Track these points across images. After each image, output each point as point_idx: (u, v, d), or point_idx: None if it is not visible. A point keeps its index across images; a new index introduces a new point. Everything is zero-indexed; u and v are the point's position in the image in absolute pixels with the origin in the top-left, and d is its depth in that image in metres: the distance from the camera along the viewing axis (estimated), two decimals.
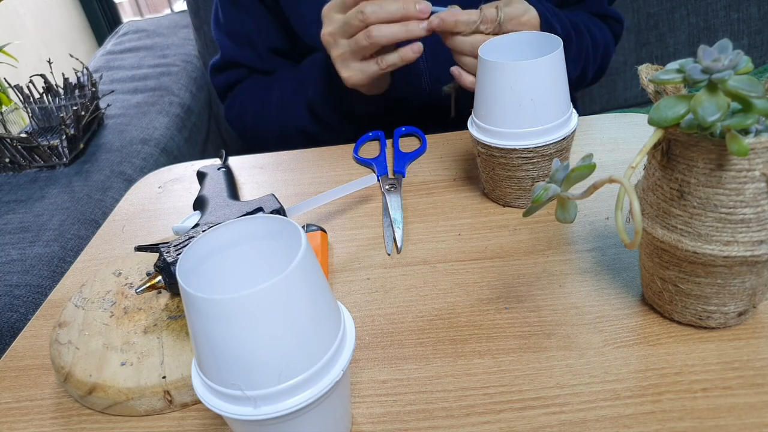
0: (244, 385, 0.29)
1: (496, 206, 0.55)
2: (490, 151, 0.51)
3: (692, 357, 0.38)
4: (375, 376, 0.40)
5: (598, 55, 0.80)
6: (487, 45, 0.52)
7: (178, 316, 0.44)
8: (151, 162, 1.02)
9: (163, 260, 0.44)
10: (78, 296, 0.48)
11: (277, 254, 0.32)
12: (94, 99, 1.07)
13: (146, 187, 0.69)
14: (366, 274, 0.49)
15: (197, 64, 1.32)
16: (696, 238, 0.35)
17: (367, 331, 0.44)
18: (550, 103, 0.48)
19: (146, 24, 1.52)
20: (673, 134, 0.34)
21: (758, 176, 0.32)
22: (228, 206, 0.53)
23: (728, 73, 0.30)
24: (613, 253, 0.47)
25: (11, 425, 0.41)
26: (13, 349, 0.48)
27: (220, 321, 0.27)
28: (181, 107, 1.19)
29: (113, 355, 0.42)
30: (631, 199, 0.31)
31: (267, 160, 0.70)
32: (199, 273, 0.31)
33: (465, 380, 0.39)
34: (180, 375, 0.40)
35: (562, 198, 0.37)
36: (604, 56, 0.82)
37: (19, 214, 0.87)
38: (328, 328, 0.31)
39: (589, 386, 0.37)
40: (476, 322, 0.43)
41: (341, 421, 0.34)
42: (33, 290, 0.74)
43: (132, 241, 0.59)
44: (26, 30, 2.03)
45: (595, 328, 0.41)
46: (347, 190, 0.55)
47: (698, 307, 0.38)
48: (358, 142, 0.69)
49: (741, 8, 1.16)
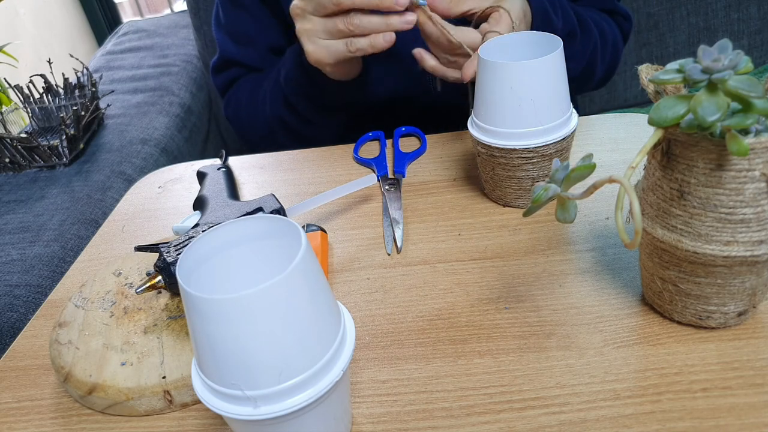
0: (244, 385, 0.29)
1: (496, 206, 0.55)
2: (490, 151, 0.51)
3: (692, 357, 0.38)
4: (375, 376, 0.40)
5: (607, 52, 0.78)
6: (487, 45, 0.52)
7: (178, 316, 0.44)
8: (151, 162, 1.02)
9: (163, 260, 0.44)
10: (78, 296, 0.48)
11: (277, 254, 0.32)
12: (94, 99, 1.07)
13: (146, 187, 0.69)
14: (366, 274, 0.49)
15: (197, 64, 1.32)
16: (696, 238, 0.35)
17: (367, 331, 0.44)
18: (550, 103, 0.48)
19: (146, 24, 1.52)
20: (673, 134, 0.34)
21: (758, 176, 0.32)
22: (228, 206, 0.53)
23: (728, 73, 0.30)
24: (613, 253, 0.47)
25: (11, 425, 0.41)
26: (13, 349, 0.48)
27: (220, 321, 0.27)
28: (181, 107, 1.19)
29: (113, 355, 0.42)
30: (631, 199, 0.31)
31: (267, 160, 0.70)
32: (199, 273, 0.31)
33: (465, 380, 0.39)
34: (180, 375, 0.40)
35: (562, 198, 0.37)
36: (614, 54, 0.80)
37: (19, 214, 0.87)
38: (328, 328, 0.31)
39: (589, 386, 0.37)
40: (476, 322, 0.43)
41: (341, 421, 0.34)
42: (33, 290, 0.74)
43: (132, 241, 0.59)
44: (26, 30, 2.03)
45: (595, 328, 0.41)
46: (347, 190, 0.55)
47: (698, 307, 0.38)
48: (358, 142, 0.69)
49: (741, 8, 1.16)
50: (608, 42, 0.78)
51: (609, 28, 0.79)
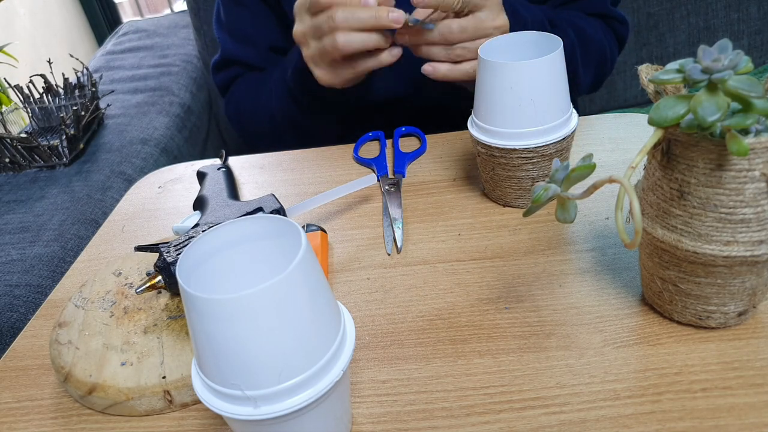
0: (244, 385, 0.29)
1: (496, 206, 0.55)
2: (490, 151, 0.51)
3: (692, 357, 0.38)
4: (375, 376, 0.40)
5: (591, 56, 0.76)
6: (487, 45, 0.52)
7: (178, 316, 0.44)
8: (151, 162, 1.02)
9: (163, 260, 0.44)
10: (78, 296, 0.48)
11: (277, 254, 0.32)
12: (94, 99, 1.07)
13: (146, 187, 0.69)
14: (366, 274, 0.49)
15: (197, 64, 1.32)
16: (696, 238, 0.35)
17: (367, 331, 0.44)
18: (550, 103, 0.48)
19: (146, 24, 1.52)
20: (673, 134, 0.34)
21: (758, 176, 0.32)
22: (228, 206, 0.53)
23: (728, 73, 0.30)
24: (613, 253, 0.47)
25: (11, 425, 0.41)
26: (13, 349, 0.48)
27: (220, 321, 0.27)
28: (181, 107, 1.19)
29: (113, 355, 0.42)
30: (631, 199, 0.31)
31: (267, 160, 0.70)
32: (199, 273, 0.31)
33: (465, 380, 0.39)
34: (180, 375, 0.40)
35: (562, 198, 0.37)
36: (601, 58, 0.78)
37: (19, 214, 0.87)
38: (327, 328, 0.31)
39: (589, 386, 0.37)
40: (476, 322, 0.43)
41: (341, 421, 0.34)
42: (33, 290, 0.74)
43: (132, 241, 0.59)
44: (26, 30, 2.03)
45: (595, 328, 0.41)
46: (347, 190, 0.55)
47: (698, 307, 0.38)
48: (358, 142, 0.69)
49: (741, 8, 1.16)
50: (591, 46, 0.76)
51: (594, 32, 0.77)
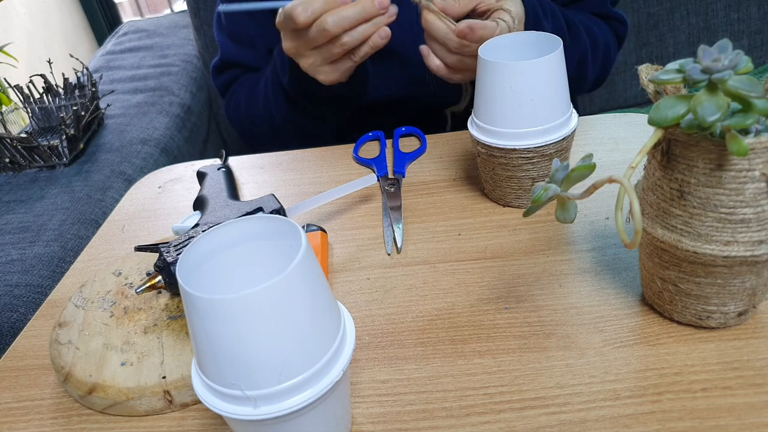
0: (244, 385, 0.29)
1: (496, 206, 0.55)
2: (490, 151, 0.51)
3: (692, 357, 0.38)
4: (375, 376, 0.40)
5: (599, 55, 0.79)
6: (487, 45, 0.52)
7: (178, 316, 0.44)
8: (151, 162, 1.02)
9: (163, 260, 0.44)
10: (78, 296, 0.48)
11: (277, 254, 0.32)
12: (94, 99, 1.07)
13: (146, 187, 0.69)
14: (366, 274, 0.49)
15: (197, 64, 1.32)
16: (696, 238, 0.35)
17: (367, 331, 0.44)
18: (549, 103, 0.48)
19: (146, 24, 1.52)
20: (673, 134, 0.34)
21: (758, 176, 0.32)
22: (228, 206, 0.53)
23: (728, 73, 0.30)
24: (613, 253, 0.47)
25: (11, 425, 0.41)
26: (13, 349, 0.48)
27: (220, 321, 0.27)
28: (181, 107, 1.19)
29: (113, 355, 0.42)
30: (631, 199, 0.31)
31: (267, 160, 0.70)
32: (199, 273, 0.31)
33: (465, 380, 0.39)
34: (180, 375, 0.40)
35: (562, 198, 0.37)
36: (606, 58, 0.81)
37: (19, 214, 0.87)
38: (328, 329, 0.31)
39: (589, 386, 0.37)
40: (476, 322, 0.43)
41: (341, 421, 0.34)
42: (33, 290, 0.74)
43: (132, 241, 0.59)
44: (26, 30, 2.03)
45: (595, 328, 0.41)
46: (347, 190, 0.55)
47: (698, 307, 0.38)
48: (358, 142, 0.69)
49: (741, 8, 1.16)
50: (599, 46, 0.78)
51: (600, 31, 0.79)
